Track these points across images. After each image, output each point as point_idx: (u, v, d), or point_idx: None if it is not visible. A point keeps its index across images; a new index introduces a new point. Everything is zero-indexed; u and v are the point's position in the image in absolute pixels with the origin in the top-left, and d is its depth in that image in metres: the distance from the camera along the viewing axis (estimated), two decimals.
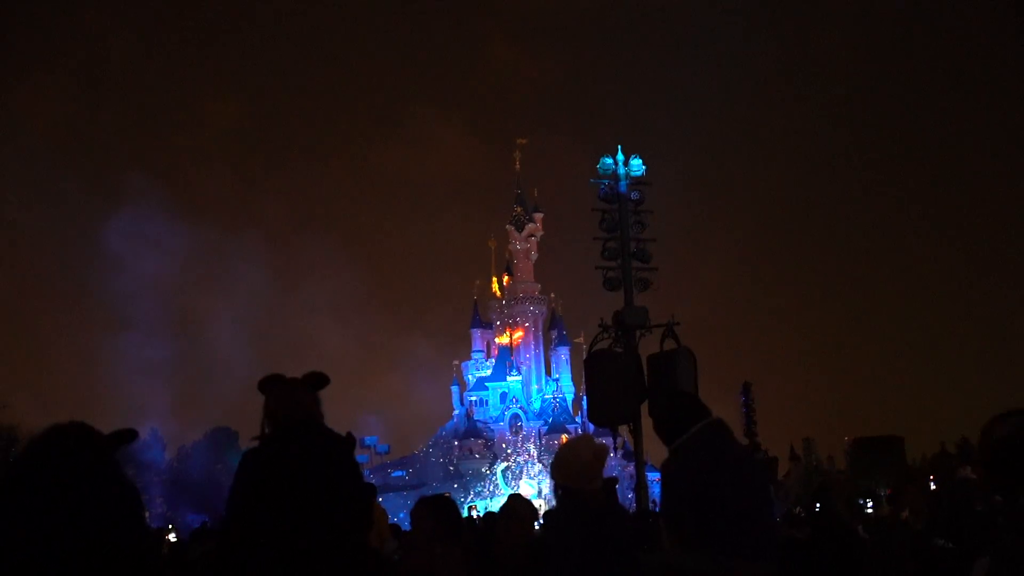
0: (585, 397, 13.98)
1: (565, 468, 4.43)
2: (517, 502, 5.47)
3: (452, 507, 4.49)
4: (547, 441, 58.38)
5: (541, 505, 38.45)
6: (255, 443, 3.61)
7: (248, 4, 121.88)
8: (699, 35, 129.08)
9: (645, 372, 12.79)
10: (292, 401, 3.63)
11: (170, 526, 25.59)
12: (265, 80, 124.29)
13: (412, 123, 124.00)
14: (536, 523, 5.85)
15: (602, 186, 14.18)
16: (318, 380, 3.77)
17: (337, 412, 3.81)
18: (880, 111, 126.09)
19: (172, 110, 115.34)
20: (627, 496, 32.40)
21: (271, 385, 3.71)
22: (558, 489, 4.47)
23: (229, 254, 73.81)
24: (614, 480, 5.03)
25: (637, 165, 14.32)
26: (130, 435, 2.74)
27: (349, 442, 3.65)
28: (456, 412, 64.30)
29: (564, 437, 58.47)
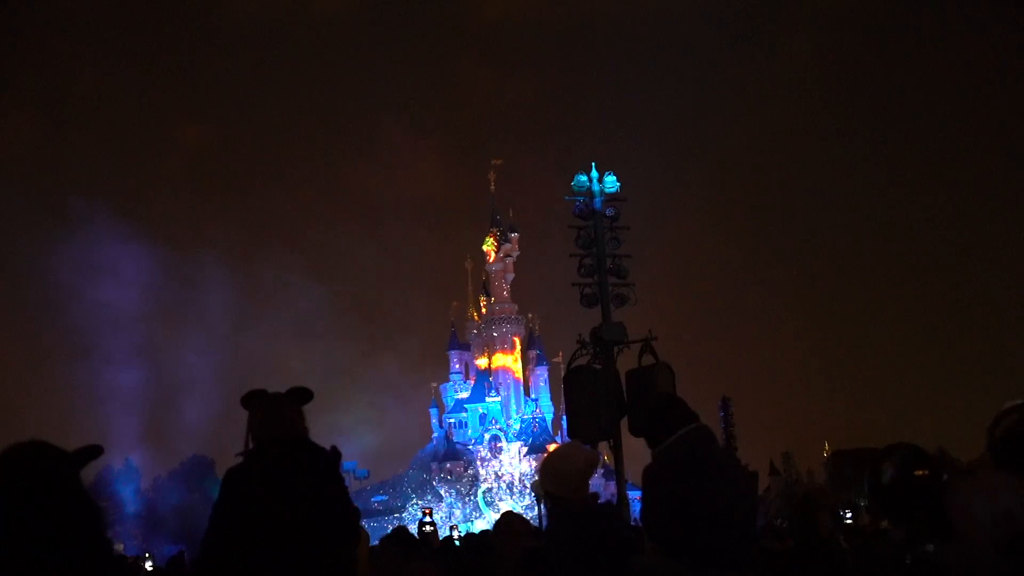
0: (565, 415, 13.90)
1: (555, 476, 4.25)
2: (513, 518, 5.41)
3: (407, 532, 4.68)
4: (528, 461, 58.21)
5: None
6: (239, 459, 3.56)
7: (218, 25, 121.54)
8: (671, 50, 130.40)
9: (624, 388, 12.78)
10: (277, 416, 3.58)
11: (147, 554, 25.17)
12: (235, 100, 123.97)
13: (384, 143, 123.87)
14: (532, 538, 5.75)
15: (577, 203, 14.22)
16: (302, 395, 3.73)
17: (312, 436, 3.77)
18: (860, 122, 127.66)
19: (138, 132, 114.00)
20: None
21: (255, 400, 3.65)
22: (547, 498, 4.34)
23: (197, 278, 73.31)
24: (595, 496, 4.96)
25: (611, 181, 14.38)
26: (95, 451, 2.68)
27: (335, 456, 3.62)
28: (435, 434, 63.99)
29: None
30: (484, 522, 48.00)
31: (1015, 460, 2.97)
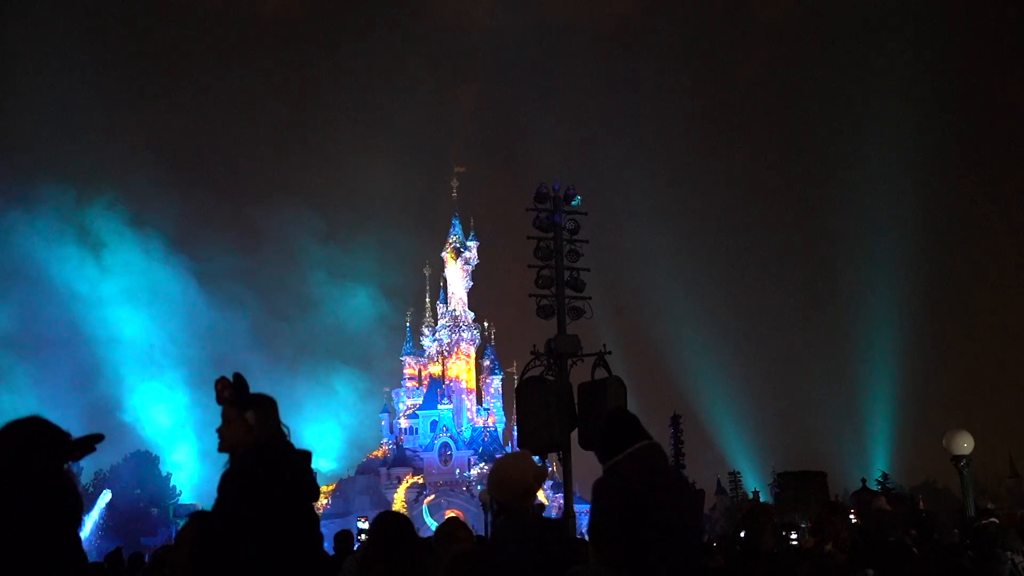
0: (516, 426, 13.92)
1: (501, 484, 4.38)
2: (455, 523, 5.46)
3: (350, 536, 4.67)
4: (478, 470, 58.14)
5: None
6: (240, 458, 3.59)
7: (169, 12, 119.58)
8: (633, 65, 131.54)
9: (576, 400, 12.83)
10: (274, 417, 3.64)
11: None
12: (185, 89, 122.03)
13: (340, 150, 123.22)
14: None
15: (537, 214, 14.28)
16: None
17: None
18: (821, 138, 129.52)
19: (84, 113, 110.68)
20: None
21: (256, 398, 3.68)
22: (494, 503, 4.43)
23: (148, 271, 72.50)
24: (541, 507, 4.98)
25: (573, 195, 14.46)
26: (95, 439, 2.66)
27: (309, 460, 3.70)
28: (385, 439, 63.66)
29: None
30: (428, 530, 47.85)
31: None
